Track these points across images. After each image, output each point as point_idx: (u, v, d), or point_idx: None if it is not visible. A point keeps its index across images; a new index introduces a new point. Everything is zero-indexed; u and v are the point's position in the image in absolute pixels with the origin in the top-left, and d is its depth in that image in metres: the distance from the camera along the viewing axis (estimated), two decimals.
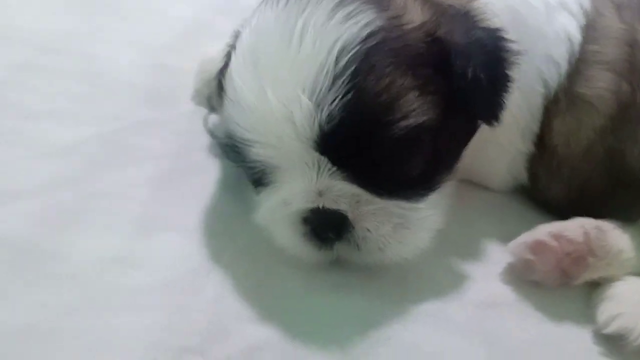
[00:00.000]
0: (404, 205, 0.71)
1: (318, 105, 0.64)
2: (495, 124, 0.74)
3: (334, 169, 0.68)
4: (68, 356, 0.61)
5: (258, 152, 0.70)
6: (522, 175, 0.86)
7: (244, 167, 0.75)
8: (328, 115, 0.64)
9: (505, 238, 0.81)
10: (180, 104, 0.87)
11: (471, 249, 0.82)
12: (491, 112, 0.73)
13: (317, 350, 0.68)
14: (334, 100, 0.64)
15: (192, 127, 0.86)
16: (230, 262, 0.74)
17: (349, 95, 0.64)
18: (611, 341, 0.76)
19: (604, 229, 0.79)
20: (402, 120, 0.66)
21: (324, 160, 0.68)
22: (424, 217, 0.72)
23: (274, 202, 0.72)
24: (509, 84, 0.72)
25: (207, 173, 0.82)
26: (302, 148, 0.67)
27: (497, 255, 0.82)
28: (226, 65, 0.76)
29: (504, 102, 0.72)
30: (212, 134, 0.86)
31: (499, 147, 0.84)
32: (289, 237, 0.72)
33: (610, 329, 0.75)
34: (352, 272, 0.74)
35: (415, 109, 0.67)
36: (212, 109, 0.88)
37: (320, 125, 0.65)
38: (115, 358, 0.62)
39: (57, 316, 0.64)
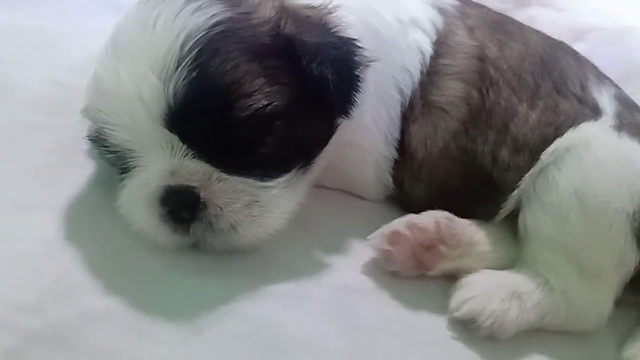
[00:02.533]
0: (255, 183, 0.74)
1: (165, 83, 0.70)
2: (347, 118, 0.79)
3: (186, 147, 0.72)
4: None
5: (116, 136, 0.74)
6: (388, 181, 0.90)
7: (108, 158, 0.79)
8: (174, 92, 0.69)
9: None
10: (72, 115, 0.91)
11: (334, 242, 0.85)
12: (341, 107, 0.79)
13: (162, 321, 0.69)
14: (180, 79, 0.69)
15: (77, 134, 0.90)
16: (88, 241, 0.75)
17: (194, 74, 0.69)
18: (465, 328, 0.78)
19: (454, 219, 0.83)
20: (246, 100, 0.71)
21: (175, 139, 0.72)
22: (276, 197, 0.75)
23: (133, 186, 0.76)
24: (358, 84, 0.78)
25: (82, 170, 0.85)
26: (153, 127, 0.71)
27: (361, 250, 0.85)
28: None
29: (354, 100, 0.78)
30: (89, 138, 0.90)
31: (364, 152, 0.89)
32: (146, 220, 0.75)
33: (460, 312, 0.78)
34: (210, 257, 0.76)
35: (261, 93, 0.72)
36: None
37: (167, 102, 0.70)
38: None
39: None
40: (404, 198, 0.91)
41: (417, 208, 0.88)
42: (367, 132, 0.88)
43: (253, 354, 0.68)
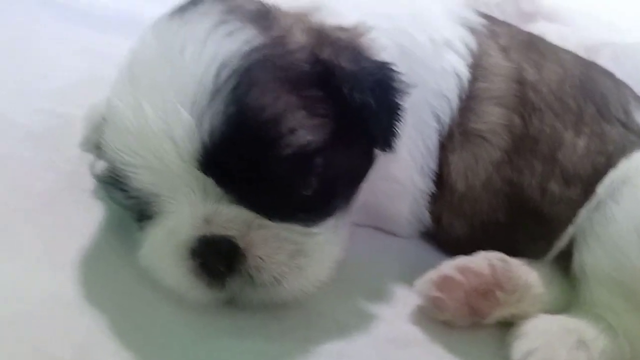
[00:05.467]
0: (300, 229, 0.66)
1: (199, 120, 0.60)
2: (389, 151, 0.72)
3: (221, 191, 0.63)
4: None
5: (139, 179, 0.64)
6: (425, 216, 0.83)
7: (126, 202, 0.69)
8: (210, 130, 0.60)
9: (411, 281, 0.76)
10: (67, 148, 0.82)
11: (377, 290, 0.77)
12: (384, 139, 0.71)
13: None
14: (216, 114, 0.60)
15: (77, 170, 0.80)
16: (108, 300, 0.65)
17: (231, 109, 0.61)
18: None
19: (509, 261, 0.76)
20: (288, 137, 0.63)
21: (209, 182, 0.63)
22: (322, 244, 0.67)
23: (158, 235, 0.66)
24: (400, 112, 0.71)
25: (88, 212, 0.75)
26: (184, 169, 0.62)
27: (405, 297, 0.77)
28: None
29: (396, 131, 0.71)
30: (97, 178, 0.79)
31: (399, 186, 0.81)
32: (176, 275, 0.65)
33: None
34: (248, 315, 0.67)
35: (302, 128, 0.64)
36: (101, 155, 0.82)
37: (202, 141, 0.61)
38: None
39: None
40: (442, 234, 0.84)
41: (457, 245, 0.81)
42: (402, 164, 0.80)
43: None
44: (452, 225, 0.83)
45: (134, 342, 0.62)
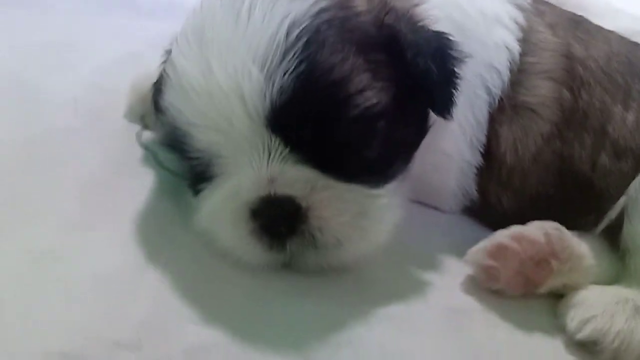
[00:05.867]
0: (363, 191, 0.66)
1: (269, 78, 0.60)
2: (448, 118, 0.71)
3: (287, 151, 0.63)
4: None
5: (203, 139, 0.64)
6: (472, 190, 0.83)
7: (183, 166, 0.69)
8: (280, 88, 0.60)
9: (459, 254, 0.76)
10: (112, 120, 0.82)
11: (429, 261, 0.77)
12: (444, 106, 0.71)
13: (273, 354, 0.59)
14: (286, 72, 0.60)
15: (124, 140, 0.81)
16: (169, 262, 0.65)
17: (301, 68, 0.61)
18: (584, 349, 0.70)
19: (564, 230, 0.76)
20: (356, 97, 0.63)
21: (275, 141, 0.63)
22: (384, 207, 0.67)
23: (218, 197, 0.66)
24: (457, 80, 0.71)
25: (140, 180, 0.75)
26: (251, 128, 0.62)
27: (456, 268, 0.76)
28: (161, 78, 0.72)
29: (454, 98, 0.71)
30: (145, 147, 0.79)
31: (447, 158, 0.81)
32: (235, 237, 0.65)
33: (583, 334, 0.70)
34: (305, 278, 0.67)
35: (370, 90, 0.64)
36: (146, 126, 0.82)
37: (271, 100, 0.61)
38: (45, 347, 0.54)
39: None
40: (488, 209, 0.84)
41: (503, 220, 0.79)
42: (451, 136, 0.80)
43: None
44: (500, 199, 0.83)
45: (202, 302, 0.62)
